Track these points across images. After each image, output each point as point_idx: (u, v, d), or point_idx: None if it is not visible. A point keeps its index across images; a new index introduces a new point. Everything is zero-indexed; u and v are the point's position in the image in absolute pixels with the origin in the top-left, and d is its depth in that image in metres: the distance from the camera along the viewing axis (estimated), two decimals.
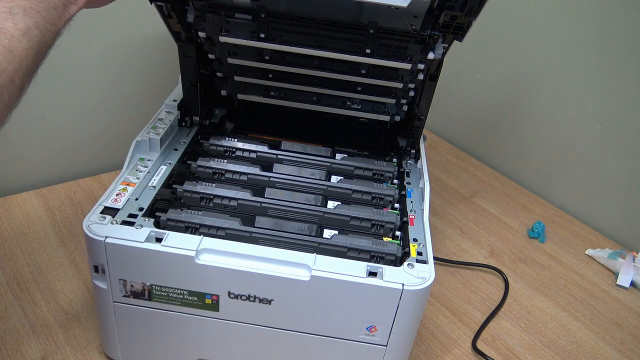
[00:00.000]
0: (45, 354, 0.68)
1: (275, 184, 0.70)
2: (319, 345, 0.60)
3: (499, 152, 1.21)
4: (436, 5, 0.63)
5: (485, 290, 0.86)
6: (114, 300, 0.60)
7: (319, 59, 0.73)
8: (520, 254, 0.95)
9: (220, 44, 0.73)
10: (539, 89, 1.09)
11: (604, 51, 0.97)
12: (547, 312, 0.83)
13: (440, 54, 0.69)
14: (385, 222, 0.65)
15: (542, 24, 1.06)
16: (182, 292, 0.58)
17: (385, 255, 0.60)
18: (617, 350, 0.78)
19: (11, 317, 0.72)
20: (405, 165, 0.79)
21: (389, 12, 0.67)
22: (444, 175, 1.16)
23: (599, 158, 1.03)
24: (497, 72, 1.17)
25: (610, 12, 0.95)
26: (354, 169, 0.75)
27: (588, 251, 0.97)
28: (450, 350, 0.75)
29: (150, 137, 0.71)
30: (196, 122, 0.81)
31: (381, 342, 0.59)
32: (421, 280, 0.55)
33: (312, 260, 0.55)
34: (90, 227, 0.56)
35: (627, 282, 0.90)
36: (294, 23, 0.68)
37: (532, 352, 0.76)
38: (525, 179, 1.16)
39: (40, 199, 0.93)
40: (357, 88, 0.77)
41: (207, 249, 0.56)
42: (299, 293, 0.56)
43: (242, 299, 0.57)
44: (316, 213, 0.65)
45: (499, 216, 1.04)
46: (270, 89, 0.81)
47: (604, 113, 1.00)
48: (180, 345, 0.63)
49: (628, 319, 0.84)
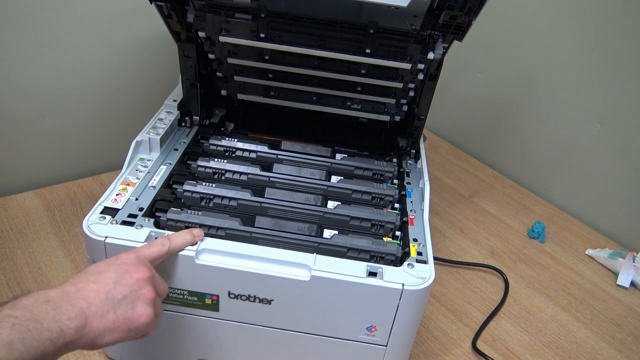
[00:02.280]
0: None
1: (275, 184, 0.70)
2: (319, 345, 0.60)
3: (499, 152, 1.21)
4: (436, 5, 0.63)
5: (485, 290, 0.86)
6: None
7: (319, 59, 0.73)
8: (520, 254, 0.95)
9: (220, 44, 0.73)
10: (539, 89, 1.09)
11: (604, 51, 0.97)
12: (547, 312, 0.83)
13: (440, 54, 0.69)
14: (385, 222, 0.65)
15: (542, 24, 1.06)
16: (182, 292, 0.58)
17: (385, 255, 0.60)
18: (617, 350, 0.78)
19: None
20: (405, 165, 0.79)
21: (389, 12, 0.67)
22: (444, 175, 1.16)
23: (599, 158, 1.03)
24: (497, 72, 1.17)
25: (610, 12, 0.95)
26: (354, 169, 0.75)
27: (588, 251, 0.97)
28: (450, 350, 0.75)
29: (150, 137, 0.71)
30: (196, 122, 0.81)
31: (381, 342, 0.59)
32: (421, 280, 0.55)
33: (312, 260, 0.55)
34: (90, 227, 0.56)
35: (627, 282, 0.90)
36: (294, 23, 0.68)
37: (532, 352, 0.76)
38: (525, 179, 1.16)
39: (40, 199, 0.93)
40: (357, 88, 0.77)
41: (207, 249, 0.56)
42: (299, 293, 0.56)
43: (242, 299, 0.57)
44: (316, 213, 0.65)
45: (499, 216, 1.04)
46: (270, 89, 0.81)
47: (604, 113, 1.00)
48: (180, 345, 0.63)
49: (628, 319, 0.84)
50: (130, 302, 0.47)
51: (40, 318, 0.40)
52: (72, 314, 0.42)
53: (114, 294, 0.46)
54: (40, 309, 0.40)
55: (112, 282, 0.46)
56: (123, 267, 0.48)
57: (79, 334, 0.42)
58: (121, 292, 0.46)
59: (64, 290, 0.44)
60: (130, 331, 0.47)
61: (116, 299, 0.46)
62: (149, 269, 0.50)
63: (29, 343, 0.38)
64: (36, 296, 0.42)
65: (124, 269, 0.48)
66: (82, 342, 0.43)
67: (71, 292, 0.44)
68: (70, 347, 0.42)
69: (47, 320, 0.40)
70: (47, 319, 0.40)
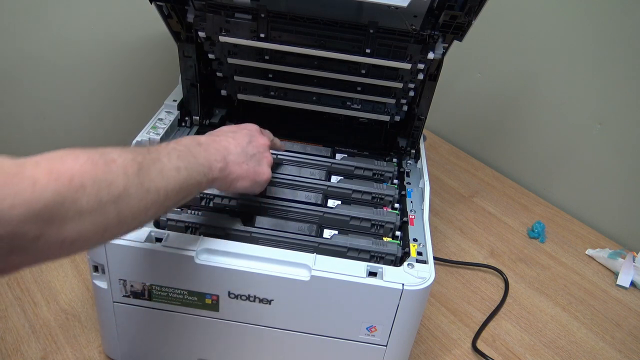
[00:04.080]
0: (45, 354, 0.68)
1: (275, 183, 0.70)
2: (319, 345, 0.60)
3: (499, 152, 1.21)
4: (436, 5, 0.63)
5: (485, 290, 0.86)
6: (114, 300, 0.60)
7: (319, 59, 0.73)
8: (520, 254, 0.95)
9: (220, 44, 0.73)
10: (539, 89, 1.09)
11: (604, 51, 0.97)
12: (547, 312, 0.83)
13: (440, 54, 0.69)
14: (385, 222, 0.65)
15: (542, 24, 1.06)
16: (182, 292, 0.58)
17: (385, 255, 0.60)
18: (617, 350, 0.78)
19: (11, 317, 0.72)
20: (405, 165, 0.79)
21: (389, 12, 0.67)
22: (444, 175, 1.16)
23: (599, 158, 1.03)
24: (497, 72, 1.17)
25: (610, 12, 0.95)
26: (354, 169, 0.75)
27: (588, 251, 0.97)
28: (450, 350, 0.75)
29: (150, 137, 0.71)
30: (196, 122, 0.81)
31: (381, 342, 0.59)
32: (421, 280, 0.55)
33: (312, 260, 0.55)
34: None
35: (627, 282, 0.90)
36: (294, 23, 0.68)
37: (532, 352, 0.76)
38: (525, 179, 1.16)
39: None
40: (357, 88, 0.77)
41: (207, 249, 0.56)
42: (299, 293, 0.56)
43: (242, 299, 0.57)
44: (316, 213, 0.65)
45: (499, 216, 1.04)
46: (270, 89, 0.81)
47: (604, 113, 1.00)
48: (180, 345, 0.63)
49: (628, 319, 0.84)
50: (258, 160, 0.58)
51: (197, 155, 0.49)
52: (218, 157, 0.52)
53: (247, 150, 0.57)
54: (195, 149, 0.50)
55: (246, 141, 0.57)
56: (252, 132, 0.60)
57: (222, 174, 0.53)
58: (252, 150, 0.58)
59: (211, 138, 0.54)
60: (256, 183, 0.58)
61: (249, 154, 0.57)
62: (269, 140, 0.63)
63: (190, 171, 0.47)
64: (191, 140, 0.51)
65: (253, 134, 0.60)
66: (224, 182, 0.54)
67: (216, 141, 0.54)
68: (215, 184, 0.53)
69: (200, 157, 0.50)
70: (201, 156, 0.50)
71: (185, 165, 0.47)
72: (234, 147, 0.55)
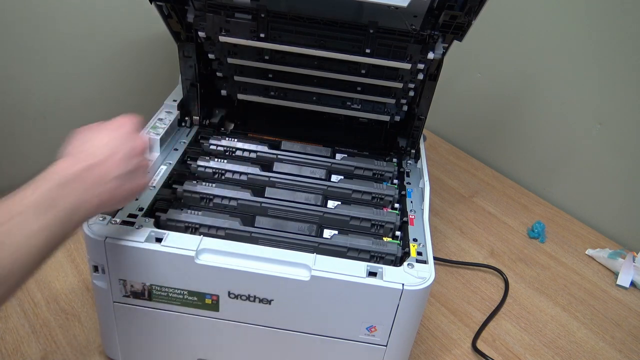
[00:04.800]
0: (45, 354, 0.68)
1: (275, 183, 0.70)
2: (319, 345, 0.60)
3: (499, 152, 1.21)
4: (436, 5, 0.63)
5: (485, 290, 0.86)
6: (114, 300, 0.60)
7: (319, 59, 0.73)
8: (520, 254, 0.95)
9: (220, 44, 0.73)
10: (539, 89, 1.09)
11: (604, 51, 0.97)
12: (547, 312, 0.83)
13: (440, 54, 0.69)
14: (385, 222, 0.65)
15: (542, 24, 1.06)
16: (182, 292, 0.58)
17: (385, 255, 0.60)
18: (617, 350, 0.78)
19: (11, 317, 0.72)
20: (405, 165, 0.79)
21: (389, 12, 0.67)
22: (444, 175, 1.16)
23: (599, 158, 1.03)
24: (497, 72, 1.17)
25: (610, 12, 0.95)
26: (354, 169, 0.75)
27: (588, 251, 0.97)
28: (450, 350, 0.75)
29: (150, 137, 0.71)
30: (196, 122, 0.81)
31: (381, 342, 0.59)
32: (421, 280, 0.55)
33: (312, 260, 0.55)
34: (90, 226, 0.56)
35: (627, 282, 0.90)
36: (294, 23, 0.68)
37: (532, 352, 0.76)
38: (525, 179, 1.16)
39: None
40: (357, 88, 0.77)
41: (207, 249, 0.56)
42: (299, 293, 0.56)
43: (242, 299, 0.57)
44: (316, 213, 0.65)
45: (499, 216, 1.04)
46: (270, 89, 0.81)
47: (604, 113, 1.00)
48: (180, 345, 0.63)
49: (628, 319, 0.84)
50: (137, 174, 0.51)
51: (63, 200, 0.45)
52: (92, 194, 0.46)
53: (128, 166, 0.50)
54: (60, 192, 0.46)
55: (127, 153, 0.50)
56: (130, 135, 0.53)
57: (97, 210, 0.47)
58: (133, 163, 0.51)
59: (82, 167, 0.49)
60: (132, 197, 0.52)
61: (130, 171, 0.50)
62: (145, 137, 0.57)
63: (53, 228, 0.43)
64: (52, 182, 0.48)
65: (131, 137, 0.53)
66: (98, 212, 0.48)
67: (89, 170, 0.48)
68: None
69: (67, 202, 0.45)
70: (68, 201, 0.45)
71: (47, 224, 0.40)
72: (115, 169, 0.48)
